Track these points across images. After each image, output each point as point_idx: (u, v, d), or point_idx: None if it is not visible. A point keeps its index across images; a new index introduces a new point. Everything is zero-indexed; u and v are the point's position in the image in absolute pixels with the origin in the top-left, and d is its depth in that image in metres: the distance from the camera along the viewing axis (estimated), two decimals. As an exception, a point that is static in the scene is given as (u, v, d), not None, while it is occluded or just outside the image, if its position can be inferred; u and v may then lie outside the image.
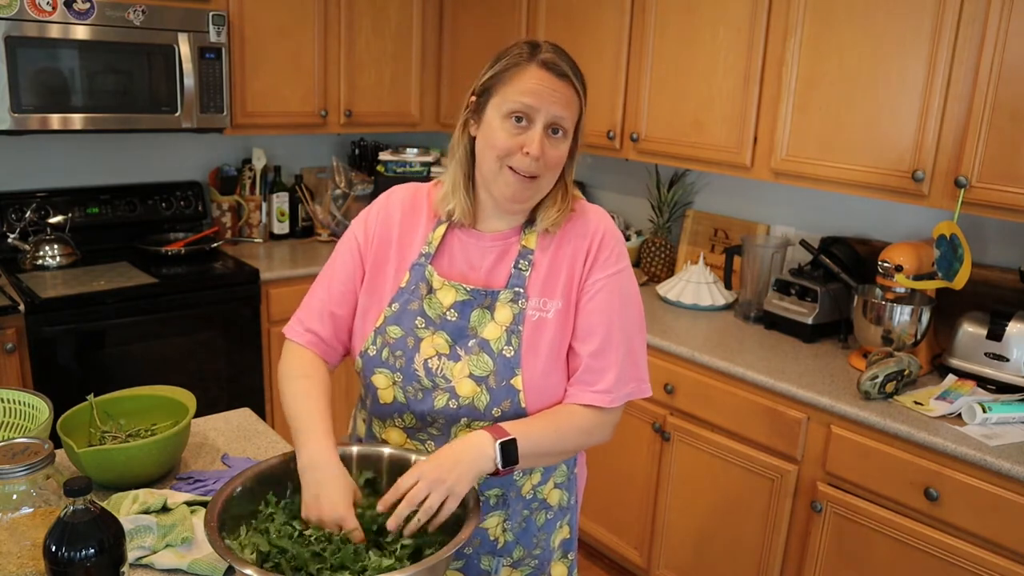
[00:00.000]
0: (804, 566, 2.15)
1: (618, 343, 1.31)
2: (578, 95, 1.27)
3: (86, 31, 2.67)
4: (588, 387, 1.31)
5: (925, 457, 1.87)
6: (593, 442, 1.33)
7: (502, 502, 1.35)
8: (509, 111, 1.24)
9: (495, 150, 1.26)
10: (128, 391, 1.61)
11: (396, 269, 1.37)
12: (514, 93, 1.24)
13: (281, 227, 3.53)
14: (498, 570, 1.38)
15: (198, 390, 1.67)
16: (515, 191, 1.27)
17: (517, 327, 1.29)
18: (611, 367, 1.31)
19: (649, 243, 3.09)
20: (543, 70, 1.24)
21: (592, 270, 1.33)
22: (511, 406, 1.28)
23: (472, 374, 1.28)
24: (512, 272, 1.32)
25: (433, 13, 3.50)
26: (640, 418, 2.52)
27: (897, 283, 2.17)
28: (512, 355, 1.28)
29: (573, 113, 1.27)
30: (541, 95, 1.23)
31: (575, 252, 1.34)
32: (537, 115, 1.23)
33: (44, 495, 1.17)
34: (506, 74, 1.26)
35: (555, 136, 1.26)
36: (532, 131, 1.24)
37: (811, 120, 2.28)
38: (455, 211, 1.34)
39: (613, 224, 1.38)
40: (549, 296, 1.32)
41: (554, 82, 1.24)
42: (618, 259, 1.35)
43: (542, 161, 1.25)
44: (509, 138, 1.24)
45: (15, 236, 2.90)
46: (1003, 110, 1.91)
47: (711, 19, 2.49)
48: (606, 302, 1.32)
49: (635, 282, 1.38)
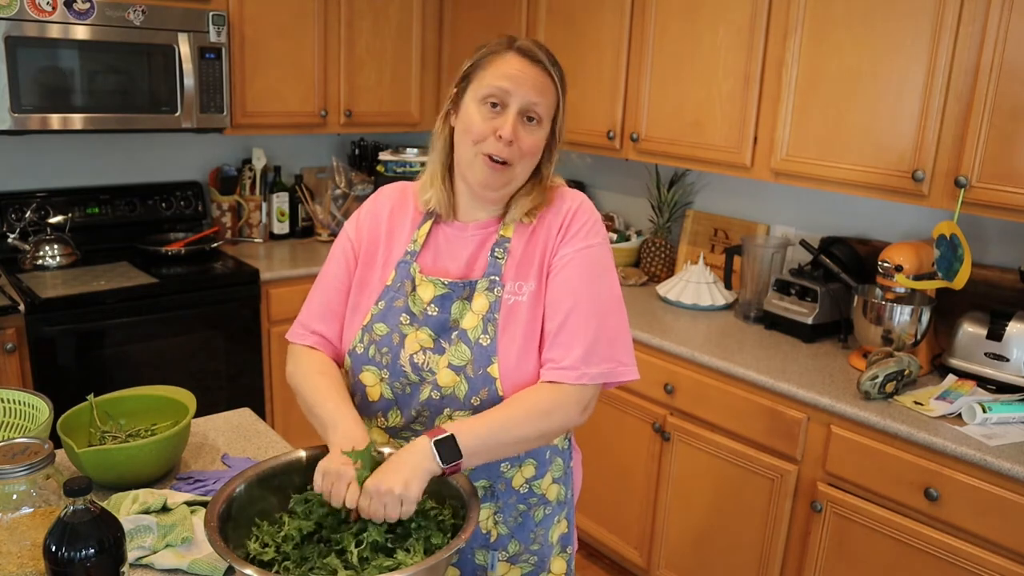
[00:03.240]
0: (804, 566, 2.15)
1: (585, 317, 1.28)
2: (554, 85, 1.28)
3: (86, 31, 2.67)
4: (552, 364, 1.27)
5: (925, 457, 1.87)
6: (558, 423, 1.26)
7: (490, 494, 1.35)
8: (484, 96, 1.27)
9: (470, 135, 1.28)
10: (128, 391, 1.61)
11: (383, 267, 1.38)
12: (489, 78, 1.27)
13: (281, 227, 3.54)
14: (494, 565, 1.38)
15: (198, 390, 1.67)
16: (487, 177, 1.28)
17: (493, 315, 1.30)
18: (577, 343, 1.27)
19: (649, 243, 3.09)
20: (518, 56, 1.27)
21: (562, 244, 1.32)
22: (489, 394, 1.28)
23: (451, 364, 1.29)
24: (488, 260, 1.33)
25: (433, 13, 3.50)
26: (640, 418, 2.53)
27: (897, 283, 2.17)
28: (488, 343, 1.28)
29: (548, 100, 1.28)
30: (515, 79, 1.25)
31: (548, 230, 1.34)
32: (511, 99, 1.25)
33: (44, 495, 1.17)
34: (483, 61, 1.29)
35: (530, 123, 1.27)
36: (506, 115, 1.26)
37: (811, 120, 2.28)
38: (431, 201, 1.36)
39: (590, 203, 1.37)
40: (524, 279, 1.32)
41: (529, 68, 1.26)
42: (589, 234, 1.33)
43: (516, 147, 1.26)
44: (483, 122, 1.26)
45: (15, 236, 2.90)
46: (1003, 110, 1.91)
47: (711, 19, 2.49)
48: (574, 276, 1.30)
49: (610, 259, 1.35)
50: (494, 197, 1.33)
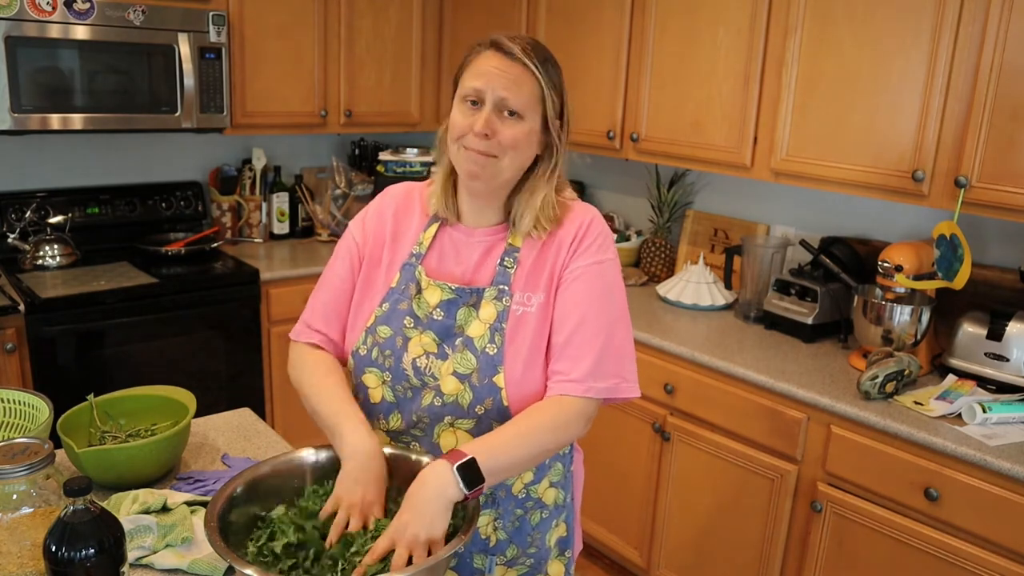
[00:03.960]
0: (804, 566, 2.15)
1: (594, 332, 1.28)
2: (534, 76, 1.26)
3: (86, 31, 2.67)
4: (560, 376, 1.28)
5: (925, 457, 1.87)
6: (566, 437, 1.27)
7: (491, 501, 1.35)
8: (463, 96, 1.28)
9: (452, 132, 1.30)
10: (128, 391, 1.61)
11: (388, 269, 1.38)
12: (468, 78, 1.28)
13: (281, 227, 3.53)
14: (492, 569, 1.38)
15: (198, 390, 1.67)
16: (470, 167, 1.29)
17: (501, 324, 1.29)
18: (585, 356, 1.27)
19: (649, 243, 3.09)
20: (493, 51, 1.27)
21: (573, 258, 1.32)
22: (493, 404, 1.27)
23: (456, 372, 1.28)
24: (497, 269, 1.33)
25: (433, 13, 3.50)
26: (640, 418, 2.53)
27: (897, 283, 2.17)
28: (495, 352, 1.28)
29: (524, 94, 1.26)
30: (489, 76, 1.26)
31: (560, 243, 1.33)
32: (485, 95, 1.26)
33: (44, 495, 1.17)
34: (466, 62, 1.30)
35: (510, 117, 1.27)
36: (481, 112, 1.26)
37: (811, 120, 2.28)
38: (439, 207, 1.37)
39: (601, 218, 1.37)
40: (532, 290, 1.32)
41: (503, 63, 1.26)
42: (600, 249, 1.33)
43: (494, 140, 1.26)
44: (463, 119, 1.28)
45: (15, 236, 2.90)
46: (1003, 110, 1.91)
47: (711, 19, 2.49)
48: (583, 291, 1.30)
49: (619, 276, 1.35)
50: (484, 190, 1.32)
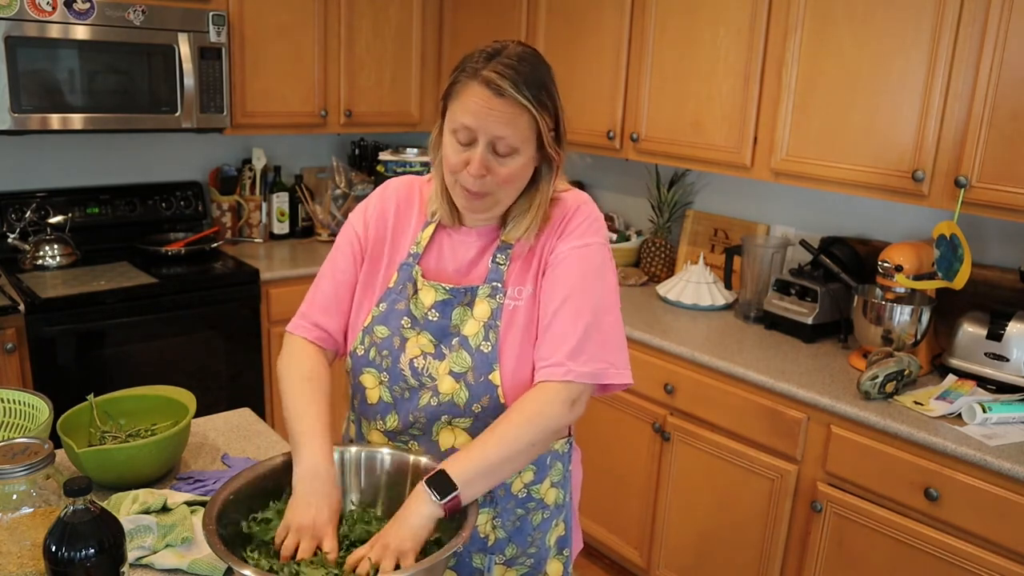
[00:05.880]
0: (804, 566, 2.15)
1: (576, 314, 1.25)
2: (529, 111, 1.20)
3: (86, 31, 2.67)
4: (541, 363, 1.26)
5: (925, 457, 1.87)
6: (551, 424, 1.22)
7: (489, 500, 1.34)
8: (452, 129, 1.24)
9: (446, 165, 1.27)
10: (128, 391, 1.61)
11: (387, 267, 1.38)
12: (457, 111, 1.22)
13: (281, 227, 3.54)
14: (491, 568, 1.38)
15: (198, 390, 1.67)
16: (467, 204, 1.28)
17: (495, 322, 1.29)
18: (565, 339, 1.24)
19: (649, 243, 3.09)
20: (483, 88, 1.19)
21: (559, 242, 1.31)
22: (490, 402, 1.27)
23: (452, 371, 1.28)
24: (491, 267, 1.32)
25: (433, 13, 3.50)
26: (640, 418, 2.53)
27: (897, 283, 2.17)
28: (489, 350, 1.28)
29: (518, 131, 1.21)
30: (479, 115, 1.19)
31: (548, 232, 1.32)
32: (477, 135, 1.21)
33: (44, 495, 1.17)
34: (454, 88, 1.23)
35: (503, 156, 1.23)
36: (474, 150, 1.22)
37: (811, 120, 2.28)
38: (438, 213, 1.35)
39: (591, 203, 1.35)
40: (523, 283, 1.31)
41: (493, 101, 1.19)
42: (587, 232, 1.31)
43: (490, 178, 1.23)
44: (455, 155, 1.24)
45: (15, 236, 2.90)
46: (1003, 110, 1.91)
47: (711, 19, 2.49)
48: (566, 273, 1.28)
49: (608, 259, 1.32)
50: (482, 219, 1.32)
